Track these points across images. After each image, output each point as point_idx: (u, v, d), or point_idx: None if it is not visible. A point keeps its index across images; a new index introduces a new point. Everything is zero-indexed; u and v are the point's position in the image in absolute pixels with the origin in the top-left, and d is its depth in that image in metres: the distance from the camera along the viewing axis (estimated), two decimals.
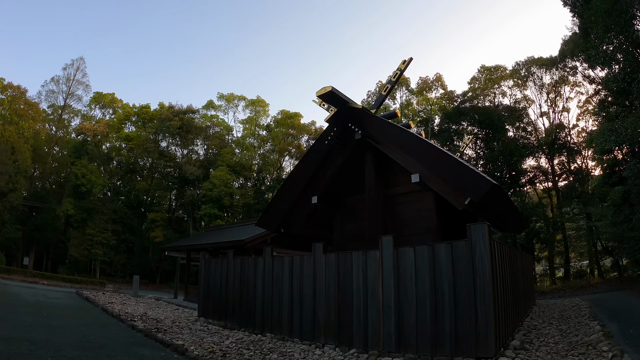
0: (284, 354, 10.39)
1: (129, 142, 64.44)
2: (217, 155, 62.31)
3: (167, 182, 64.36)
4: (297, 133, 64.12)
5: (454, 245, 9.31)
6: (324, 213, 16.39)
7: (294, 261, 13.07)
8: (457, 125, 44.51)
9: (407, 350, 9.49)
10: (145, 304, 23.86)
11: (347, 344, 10.71)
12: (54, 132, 67.77)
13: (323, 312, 11.59)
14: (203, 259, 18.25)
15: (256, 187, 63.53)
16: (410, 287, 9.72)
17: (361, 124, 13.81)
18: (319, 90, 12.83)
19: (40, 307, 17.63)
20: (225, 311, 15.78)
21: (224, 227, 38.16)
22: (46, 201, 57.09)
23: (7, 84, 61.03)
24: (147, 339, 12.03)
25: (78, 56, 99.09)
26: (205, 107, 69.60)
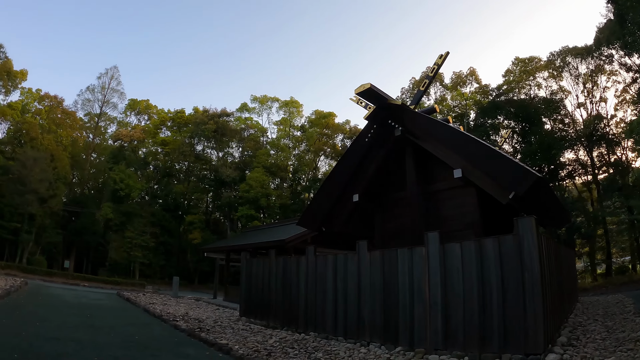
0: (329, 353, 10.29)
1: (165, 147, 65.45)
2: (252, 157, 62.67)
3: (203, 184, 64.99)
4: (332, 133, 63.91)
5: (501, 240, 9.10)
6: (365, 211, 16.25)
7: (338, 259, 12.96)
8: (493, 119, 43.60)
9: (454, 347, 9.30)
10: (186, 305, 24.00)
11: (392, 342, 10.55)
12: (91, 139, 69.56)
13: (368, 310, 11.45)
14: (244, 259, 18.27)
15: (292, 188, 63.68)
16: (457, 283, 9.52)
17: (401, 120, 13.66)
18: (357, 87, 12.74)
19: (83, 308, 17.95)
20: (268, 310, 15.75)
21: (261, 228, 38.30)
22: (85, 206, 58.53)
23: (44, 94, 63.58)
24: (191, 338, 12.09)
25: (112, 65, 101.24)
26: (239, 109, 70.04)
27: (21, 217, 48.34)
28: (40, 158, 49.06)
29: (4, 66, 55.08)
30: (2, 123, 59.02)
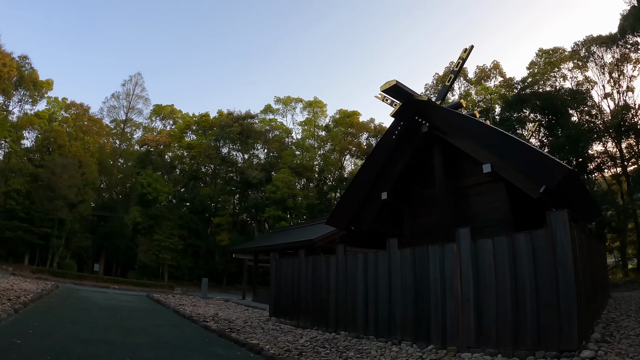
0: (361, 352, 10.21)
1: (191, 150, 66.52)
2: (278, 158, 62.98)
3: (230, 186, 65.24)
4: (357, 131, 63.81)
5: (533, 235, 8.92)
6: (394, 209, 16.17)
7: (368, 258, 12.85)
8: (519, 113, 42.68)
9: (487, 345, 9.14)
10: (215, 305, 24.13)
11: (424, 340, 10.42)
12: (117, 145, 71.08)
13: (399, 308, 11.33)
14: (273, 259, 18.29)
15: (318, 188, 63.73)
16: (490, 280, 9.37)
17: (427, 116, 13.54)
18: (383, 85, 12.67)
19: (114, 310, 18.14)
20: (298, 310, 15.75)
21: (289, 229, 38.38)
22: (114, 210, 59.92)
23: (70, 102, 65.32)
24: (221, 338, 12.13)
25: (135, 72, 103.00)
26: (263, 111, 70.31)
27: (51, 223, 49.57)
28: (68, 165, 50.26)
29: (30, 77, 56.28)
30: (30, 132, 60.79)
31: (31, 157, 57.45)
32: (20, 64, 54.11)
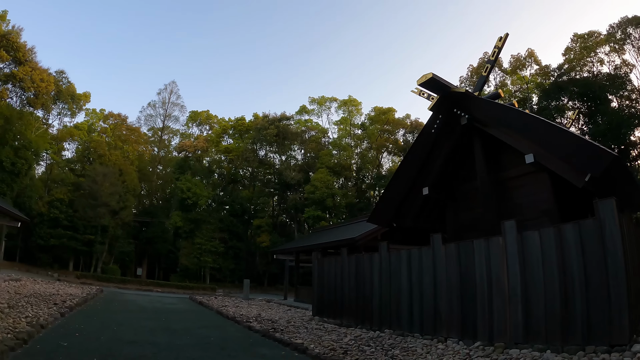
0: (406, 350, 10.07)
1: (229, 154, 67.38)
2: (315, 158, 63.04)
3: (268, 188, 65.75)
4: (393, 128, 63.25)
5: (581, 225, 8.61)
6: (435, 204, 15.97)
7: (412, 254, 12.69)
8: (557, 101, 41.74)
9: (536, 340, 8.86)
10: (258, 306, 24.28)
11: (471, 337, 10.21)
12: (156, 152, 72.91)
13: (444, 304, 11.14)
14: (316, 258, 18.27)
15: (357, 186, 63.42)
16: (537, 273, 9.09)
17: (466, 108, 13.29)
18: (419, 78, 12.51)
19: (158, 312, 18.44)
20: (341, 309, 15.69)
21: (329, 228, 38.35)
22: (155, 216, 61.31)
23: (108, 113, 67.87)
24: (265, 338, 12.15)
25: (170, 80, 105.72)
26: (298, 112, 70.46)
27: (94, 229, 50.99)
28: (109, 173, 51.63)
29: (68, 90, 58.41)
30: (71, 143, 63.61)
31: (72, 167, 59.78)
32: (57, 79, 55.99)
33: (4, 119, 43.88)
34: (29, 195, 49.12)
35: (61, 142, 62.27)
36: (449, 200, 15.55)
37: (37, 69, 49.57)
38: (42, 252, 50.13)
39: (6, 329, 8.84)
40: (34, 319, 10.71)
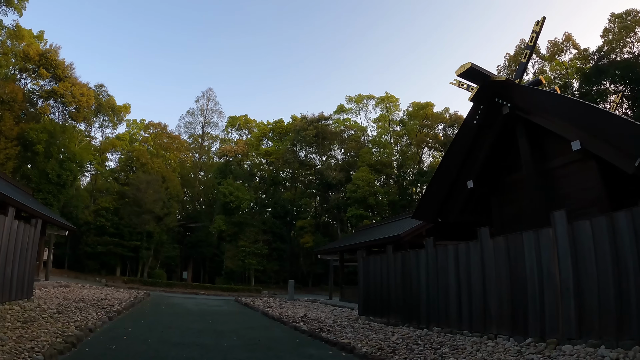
0: (455, 348, 9.83)
1: (269, 157, 67.83)
2: (355, 157, 62.76)
3: (310, 189, 65.95)
4: (432, 123, 62.42)
5: (634, 213, 8.16)
6: (480, 197, 15.61)
7: (459, 249, 12.37)
8: (598, 85, 40.31)
9: (589, 336, 8.44)
10: (303, 307, 24.28)
11: (522, 333, 9.84)
12: (197, 158, 74.18)
13: (494, 300, 10.80)
14: (361, 257, 18.17)
15: (399, 183, 62.85)
16: (590, 265, 8.67)
17: (508, 97, 12.93)
18: (457, 69, 12.29)
19: (204, 314, 18.60)
20: (388, 307, 15.51)
21: (372, 226, 38.13)
22: (198, 220, 62.63)
23: (148, 122, 69.70)
24: (312, 338, 12.11)
25: (207, 87, 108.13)
26: (336, 112, 70.41)
27: (140, 236, 52.25)
28: (152, 181, 52.83)
29: (108, 103, 60.53)
30: (113, 153, 65.72)
31: (116, 176, 61.60)
32: (97, 92, 57.97)
33: (48, 134, 45.67)
34: (75, 205, 50.78)
35: (104, 153, 64.53)
36: (493, 193, 15.19)
37: (77, 84, 51.33)
38: (89, 259, 51.76)
39: (55, 333, 9.00)
40: (83, 323, 10.94)
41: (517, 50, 47.42)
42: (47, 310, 12.86)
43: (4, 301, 12.59)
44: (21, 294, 14.39)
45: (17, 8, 41.11)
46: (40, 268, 28.77)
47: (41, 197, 41.62)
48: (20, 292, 14.27)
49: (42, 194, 42.86)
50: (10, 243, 13.11)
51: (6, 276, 12.88)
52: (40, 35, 51.91)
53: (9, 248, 12.94)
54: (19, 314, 11.23)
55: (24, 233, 14.43)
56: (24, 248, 14.48)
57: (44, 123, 47.82)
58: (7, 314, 10.88)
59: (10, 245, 13.11)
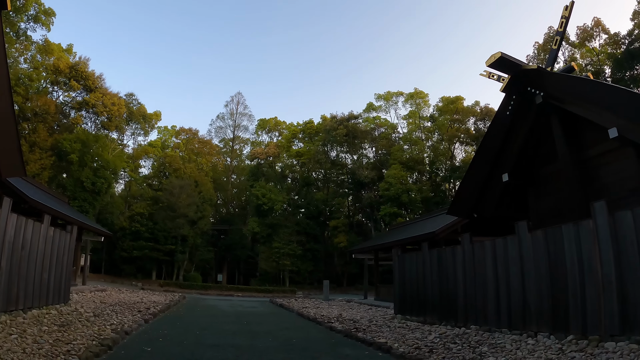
0: (494, 346, 9.56)
1: (300, 158, 68.33)
2: (387, 155, 62.56)
3: (342, 189, 66.00)
4: (463, 117, 61.77)
5: None
6: (516, 191, 15.21)
7: (497, 244, 12.00)
8: (631, 70, 38.96)
9: (633, 332, 7.99)
10: (338, 306, 24.21)
11: (562, 330, 9.45)
12: (229, 162, 75.34)
13: (533, 296, 10.42)
14: (396, 255, 17.98)
15: (431, 180, 62.43)
16: (633, 257, 8.25)
17: (540, 86, 12.54)
18: (487, 59, 11.99)
19: (239, 315, 18.64)
20: (424, 306, 15.27)
21: (406, 224, 37.82)
22: (232, 223, 63.27)
23: (179, 128, 71.61)
24: (347, 338, 11.95)
25: (235, 91, 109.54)
26: (365, 110, 70.34)
27: (174, 240, 53.60)
28: (185, 185, 54.06)
29: (139, 111, 62.44)
30: (146, 160, 67.88)
31: (150, 182, 63.49)
32: (127, 101, 59.71)
33: (82, 143, 47.32)
34: (110, 212, 52.72)
35: (137, 160, 66.57)
36: (529, 186, 14.78)
37: (108, 94, 53.12)
38: (125, 264, 53.31)
39: (91, 336, 9.16)
40: (119, 326, 11.10)
41: (546, 38, 46.42)
42: (84, 314, 13.13)
43: (41, 306, 12.87)
44: (58, 298, 14.71)
45: (45, 24, 42.93)
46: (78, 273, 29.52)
47: (77, 205, 43.00)
48: (57, 296, 14.59)
49: (77, 202, 44.32)
50: (47, 249, 13.43)
51: (43, 282, 13.18)
52: (70, 49, 53.54)
53: (45, 254, 13.26)
54: (55, 318, 11.47)
55: (60, 239, 14.77)
56: (60, 254, 14.83)
57: (77, 133, 49.65)
58: (44, 318, 11.12)
59: (47, 251, 13.44)
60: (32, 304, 12.32)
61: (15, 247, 11.17)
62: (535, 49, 47.95)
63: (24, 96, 44.48)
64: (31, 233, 12.19)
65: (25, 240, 11.75)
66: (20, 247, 11.45)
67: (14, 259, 11.08)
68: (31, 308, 12.05)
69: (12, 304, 10.97)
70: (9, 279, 10.82)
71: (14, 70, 43.07)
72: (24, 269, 11.77)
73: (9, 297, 10.83)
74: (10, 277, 10.93)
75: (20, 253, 11.51)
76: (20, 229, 11.47)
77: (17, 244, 11.24)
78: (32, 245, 12.24)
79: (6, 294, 10.68)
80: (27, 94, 45.43)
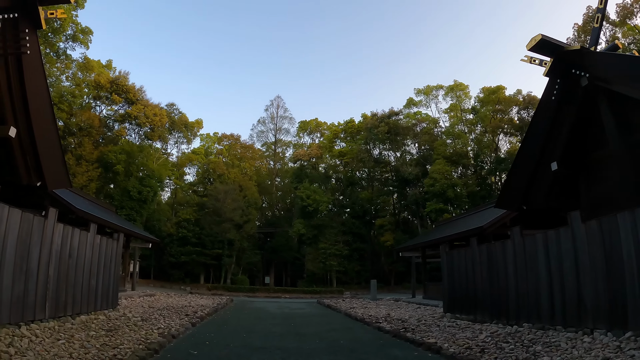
0: (549, 345, 9.11)
1: (343, 157, 68.29)
2: (430, 150, 61.90)
3: (387, 187, 65.66)
4: (505, 107, 59.78)
5: None
6: (566, 180, 14.51)
7: (549, 237, 11.48)
8: None
9: None
10: (386, 306, 24.07)
11: (620, 327, 8.85)
12: (272, 165, 76.45)
13: (589, 291, 9.86)
14: (444, 251, 17.69)
15: (477, 174, 61.26)
16: None
17: (585, 67, 11.88)
18: (528, 42, 11.54)
19: (286, 317, 18.64)
20: (474, 304, 14.90)
21: (453, 220, 37.27)
22: (278, 226, 64.30)
23: (221, 135, 72.89)
24: (396, 339, 11.82)
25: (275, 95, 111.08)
26: (406, 106, 69.47)
27: (221, 244, 54.60)
28: (229, 190, 55.12)
29: (181, 120, 64.13)
30: (190, 167, 69.48)
31: (195, 189, 65.32)
32: (169, 111, 61.67)
33: (126, 154, 49.11)
34: (157, 219, 54.44)
35: (182, 168, 68.14)
36: (580, 173, 14.08)
37: (149, 105, 55.04)
38: (174, 269, 54.84)
39: (138, 340, 9.41)
40: (166, 330, 11.37)
41: (585, 19, 44.68)
42: (132, 319, 13.49)
43: (89, 311, 13.50)
44: (106, 304, 15.37)
45: (84, 42, 44.32)
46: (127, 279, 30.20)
47: (124, 214, 44.62)
48: (105, 302, 15.26)
49: (125, 211, 45.95)
50: (94, 257, 14.08)
51: (91, 288, 13.82)
52: (109, 64, 55.65)
53: (92, 261, 13.92)
54: (103, 323, 11.88)
55: (107, 247, 15.45)
56: (107, 261, 15.51)
57: (122, 145, 51.46)
58: (92, 324, 11.55)
59: (94, 258, 14.09)
60: (81, 309, 12.98)
61: (63, 256, 11.77)
62: (575, 31, 46.18)
63: (68, 112, 46.48)
64: (78, 241, 12.81)
65: (72, 248, 12.37)
66: (67, 255, 12.06)
67: (61, 267, 11.65)
68: (79, 314, 12.68)
69: (60, 310, 11.58)
70: (56, 286, 11.38)
71: (57, 88, 45.09)
72: (72, 276, 12.36)
73: (57, 303, 11.41)
74: (58, 284, 11.49)
75: (68, 261, 12.10)
76: (67, 238, 12.08)
77: (64, 252, 11.83)
78: (79, 253, 12.87)
79: (54, 301, 11.24)
80: (71, 110, 47.39)
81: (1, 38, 10.90)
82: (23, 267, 9.82)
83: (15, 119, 12.19)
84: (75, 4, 39.53)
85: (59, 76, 46.61)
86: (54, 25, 38.40)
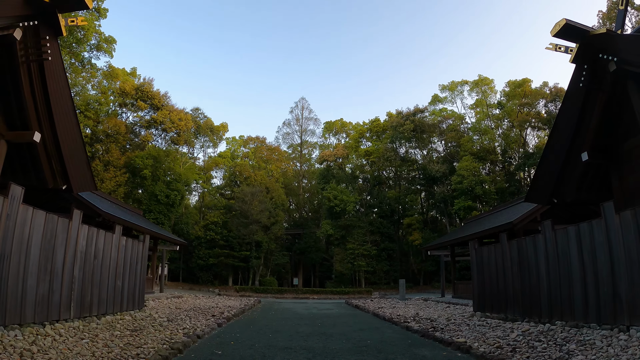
0: (583, 343, 8.71)
1: (369, 157, 68.14)
2: (457, 147, 61.51)
3: (414, 185, 65.54)
4: (532, 101, 58.65)
5: None
6: (597, 171, 14.04)
7: (581, 230, 11.00)
8: None
9: None
10: (415, 306, 23.86)
11: None
12: (298, 167, 77.01)
13: (625, 286, 9.35)
14: (473, 248, 17.35)
15: (505, 170, 60.43)
16: None
17: (612, 51, 11.37)
18: (552, 28, 11.09)
19: (314, 318, 18.46)
20: (505, 302, 14.49)
21: (482, 217, 36.70)
22: (305, 227, 64.61)
23: (247, 138, 74.14)
24: (424, 339, 11.53)
25: (299, 97, 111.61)
26: (431, 103, 69.35)
27: (249, 246, 55.22)
28: (256, 192, 55.50)
29: (206, 124, 65.77)
30: (217, 171, 70.37)
31: (222, 192, 66.08)
32: (194, 116, 63.20)
33: (153, 159, 50.08)
34: (185, 222, 55.50)
35: (208, 171, 68.88)
36: (612, 164, 13.59)
37: (174, 111, 56.07)
38: (202, 271, 55.64)
39: (162, 340, 9.47)
40: (191, 330, 11.42)
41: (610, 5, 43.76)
42: (158, 319, 13.68)
43: (115, 312, 13.78)
44: (132, 304, 15.67)
45: (107, 51, 45.12)
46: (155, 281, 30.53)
47: (152, 217, 45.48)
48: (131, 303, 15.55)
49: (153, 214, 46.78)
50: (119, 258, 14.32)
51: (117, 289, 14.08)
52: (134, 72, 56.76)
53: (117, 263, 14.15)
54: (128, 324, 12.05)
55: (133, 248, 15.71)
56: (134, 262, 15.78)
57: (149, 150, 52.45)
58: (117, 324, 11.74)
59: (119, 260, 14.31)
60: (106, 310, 13.28)
61: (88, 257, 12.02)
62: (600, 18, 45.24)
63: (95, 120, 47.31)
64: (103, 243, 13.06)
65: (97, 249, 12.64)
66: (92, 256, 12.31)
67: (86, 268, 11.91)
68: (105, 314, 12.98)
69: (85, 310, 11.86)
70: (81, 286, 11.62)
71: (83, 97, 46.06)
72: (97, 277, 12.61)
73: (82, 304, 11.67)
74: (84, 285, 11.74)
75: (93, 262, 12.35)
76: (92, 239, 12.34)
77: (89, 253, 12.10)
78: (104, 254, 13.11)
79: (79, 301, 11.49)
80: (98, 117, 48.27)
81: (23, 45, 11.05)
82: (48, 268, 10.00)
83: (40, 124, 12.42)
84: (97, 14, 40.36)
85: (84, 85, 47.51)
86: (78, 35, 39.23)
